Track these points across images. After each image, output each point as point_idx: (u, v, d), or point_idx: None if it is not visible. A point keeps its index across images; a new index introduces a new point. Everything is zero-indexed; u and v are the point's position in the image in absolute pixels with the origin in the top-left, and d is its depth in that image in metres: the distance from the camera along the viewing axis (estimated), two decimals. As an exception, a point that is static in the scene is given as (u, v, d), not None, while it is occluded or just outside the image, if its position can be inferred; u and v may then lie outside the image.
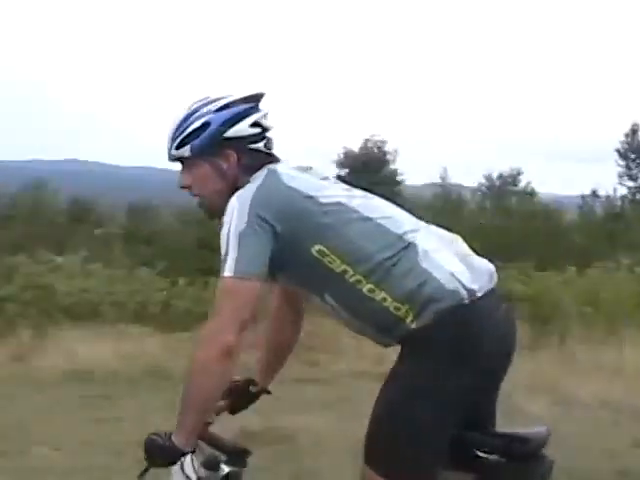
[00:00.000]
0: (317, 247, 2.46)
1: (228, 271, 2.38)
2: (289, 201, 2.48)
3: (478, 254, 2.61)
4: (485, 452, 2.51)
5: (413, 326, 2.42)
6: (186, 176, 2.65)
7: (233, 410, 2.93)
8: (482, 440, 2.52)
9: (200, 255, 15.10)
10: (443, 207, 33.80)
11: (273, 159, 2.63)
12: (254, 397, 2.93)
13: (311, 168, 2.70)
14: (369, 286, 2.44)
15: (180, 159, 2.64)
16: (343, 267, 2.46)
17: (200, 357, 2.37)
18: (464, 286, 2.43)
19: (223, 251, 2.40)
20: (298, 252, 2.48)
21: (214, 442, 2.60)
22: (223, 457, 2.57)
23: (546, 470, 2.53)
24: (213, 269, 4.44)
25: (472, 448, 2.51)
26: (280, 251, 2.45)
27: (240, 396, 2.90)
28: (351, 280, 2.45)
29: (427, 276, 2.43)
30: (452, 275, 2.44)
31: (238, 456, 2.60)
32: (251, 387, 2.91)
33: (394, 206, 2.66)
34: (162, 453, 2.39)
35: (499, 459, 2.49)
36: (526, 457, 2.50)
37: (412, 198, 34.49)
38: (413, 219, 2.62)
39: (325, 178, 2.67)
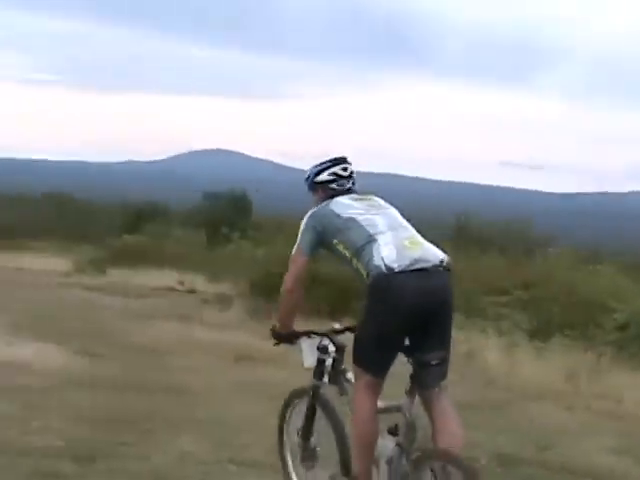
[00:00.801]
0: (335, 240, 4.74)
1: (294, 250, 4.85)
2: (325, 217, 4.79)
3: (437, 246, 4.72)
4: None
5: (367, 282, 4.54)
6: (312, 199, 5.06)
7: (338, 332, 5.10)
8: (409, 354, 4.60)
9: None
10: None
11: (339, 192, 4.93)
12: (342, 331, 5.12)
13: (369, 195, 4.98)
14: (354, 260, 4.64)
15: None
16: (345, 251, 4.70)
17: (282, 290, 4.89)
18: (385, 264, 4.45)
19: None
20: (328, 242, 4.79)
21: (322, 334, 5.01)
22: (331, 346, 4.97)
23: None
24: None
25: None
26: (322, 241, 4.81)
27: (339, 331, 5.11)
28: (348, 257, 4.69)
29: (372, 256, 4.53)
30: (381, 258, 4.48)
31: (340, 348, 4.96)
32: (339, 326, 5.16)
33: (386, 216, 4.78)
34: (276, 335, 5.03)
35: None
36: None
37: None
38: (390, 224, 4.71)
39: (361, 200, 4.87)
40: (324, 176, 4.99)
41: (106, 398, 8.10)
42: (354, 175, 5.09)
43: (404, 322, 4.55)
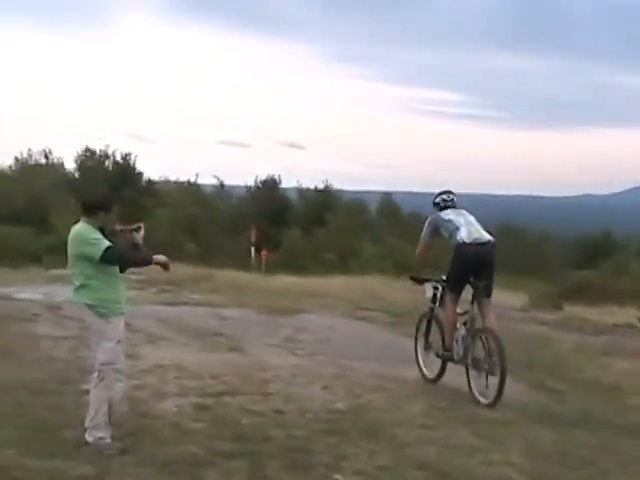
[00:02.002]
0: (441, 229, 9.79)
1: (421, 236, 10.08)
2: (438, 220, 9.88)
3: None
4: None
5: (454, 248, 9.50)
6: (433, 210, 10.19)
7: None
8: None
9: None
10: None
11: (444, 207, 9.93)
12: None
13: (460, 210, 9.90)
14: (450, 238, 9.62)
15: None
16: (445, 233, 9.72)
17: (416, 255, 10.38)
18: (461, 238, 9.40)
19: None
20: (438, 230, 9.86)
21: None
22: (439, 286, 10.02)
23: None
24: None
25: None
26: (435, 230, 9.92)
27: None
28: (446, 236, 9.69)
29: (456, 236, 9.48)
30: (460, 237, 9.42)
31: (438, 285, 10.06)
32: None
33: (465, 218, 9.71)
34: (413, 279, 10.48)
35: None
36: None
37: None
38: (466, 222, 9.62)
39: (454, 211, 9.85)
40: (437, 200, 10.13)
41: (566, 435, 7.99)
42: (454, 198, 10.07)
43: (469, 268, 9.52)
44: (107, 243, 6.73)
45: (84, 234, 6.80)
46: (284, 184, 62.14)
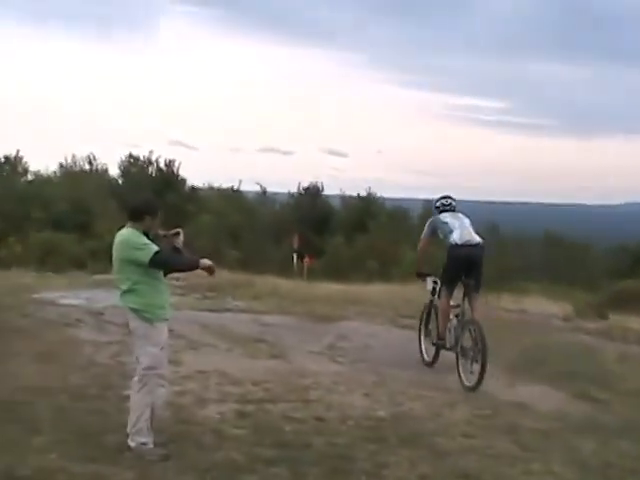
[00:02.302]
0: (438, 230, 11.03)
1: (422, 235, 11.42)
2: (437, 222, 11.14)
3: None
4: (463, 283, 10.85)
5: (447, 248, 10.77)
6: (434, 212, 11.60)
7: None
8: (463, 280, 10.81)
9: None
10: None
11: (443, 211, 11.22)
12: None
13: (457, 213, 11.18)
14: (444, 238, 10.85)
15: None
16: (441, 234, 10.98)
17: (417, 252, 12.17)
18: (454, 239, 10.65)
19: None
20: (435, 231, 11.10)
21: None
22: (438, 281, 11.27)
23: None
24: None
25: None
26: (433, 231, 11.16)
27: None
28: (442, 237, 10.94)
29: (450, 237, 10.72)
30: (453, 238, 10.66)
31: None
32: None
33: (460, 221, 10.95)
34: (417, 275, 11.95)
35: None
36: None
37: None
38: (460, 225, 10.87)
39: (452, 214, 11.13)
40: (438, 204, 11.41)
41: (609, 445, 7.93)
42: (453, 202, 11.32)
43: (461, 267, 10.70)
44: (156, 247, 6.79)
45: (132, 239, 6.86)
46: (326, 191, 62.27)
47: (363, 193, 61.02)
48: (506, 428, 8.30)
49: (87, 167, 58.96)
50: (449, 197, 11.39)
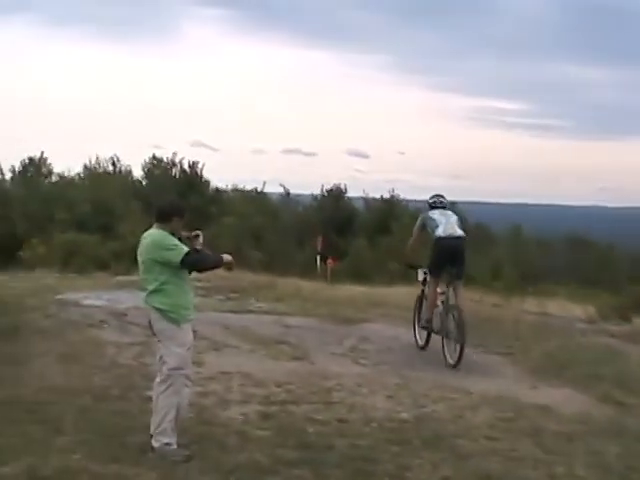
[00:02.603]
0: (427, 225, 12.14)
1: (414, 229, 12.60)
2: (426, 217, 12.24)
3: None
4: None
5: (434, 241, 11.93)
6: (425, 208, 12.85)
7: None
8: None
9: None
10: None
11: (434, 208, 12.32)
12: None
13: (448, 210, 12.38)
14: (432, 232, 11.94)
15: None
16: (429, 229, 12.04)
17: (407, 244, 13.03)
18: (439, 233, 11.81)
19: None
20: (425, 226, 12.21)
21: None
22: (427, 271, 12.37)
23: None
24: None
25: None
26: (423, 225, 12.27)
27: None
28: (430, 231, 12.04)
29: (436, 231, 11.86)
30: (439, 232, 11.82)
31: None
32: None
33: (446, 218, 12.08)
34: (406, 265, 14.05)
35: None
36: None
37: None
38: (446, 221, 12.00)
39: (440, 211, 12.24)
40: (430, 201, 12.43)
41: (633, 449, 7.89)
42: (444, 201, 12.47)
43: (445, 257, 11.78)
44: (186, 248, 6.86)
45: (162, 240, 6.90)
46: (350, 193, 62.11)
47: (386, 195, 60.85)
48: (529, 431, 8.27)
49: (110, 168, 59.06)
50: (440, 196, 12.66)
